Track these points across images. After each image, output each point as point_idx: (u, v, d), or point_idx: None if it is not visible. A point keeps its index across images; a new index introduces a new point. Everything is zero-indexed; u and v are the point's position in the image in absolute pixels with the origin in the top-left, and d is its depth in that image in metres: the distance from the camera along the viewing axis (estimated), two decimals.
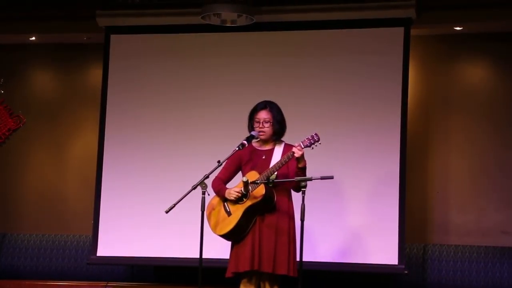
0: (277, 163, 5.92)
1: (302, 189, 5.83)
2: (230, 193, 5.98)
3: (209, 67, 7.89)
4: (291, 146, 5.99)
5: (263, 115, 6.07)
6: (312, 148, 5.91)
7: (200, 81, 7.90)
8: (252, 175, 5.93)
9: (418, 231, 7.81)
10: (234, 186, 6.05)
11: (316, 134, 5.93)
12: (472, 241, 7.71)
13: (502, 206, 7.75)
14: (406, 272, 7.27)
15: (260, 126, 6.05)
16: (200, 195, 5.89)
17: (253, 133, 6.05)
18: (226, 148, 6.16)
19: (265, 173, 5.91)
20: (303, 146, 5.89)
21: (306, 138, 5.92)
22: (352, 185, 7.45)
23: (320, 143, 5.92)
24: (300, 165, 5.91)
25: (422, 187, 7.90)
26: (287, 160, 5.89)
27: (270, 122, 6.06)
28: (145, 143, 7.92)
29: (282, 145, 6.10)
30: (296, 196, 6.04)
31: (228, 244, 6.07)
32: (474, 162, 7.86)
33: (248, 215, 5.91)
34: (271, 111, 6.08)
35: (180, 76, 7.95)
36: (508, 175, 7.76)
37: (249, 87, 7.69)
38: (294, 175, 5.94)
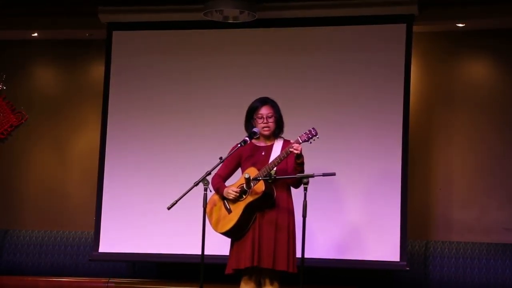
0: (276, 158, 5.91)
1: (304, 185, 5.81)
2: (228, 193, 5.98)
3: (211, 63, 7.90)
4: (290, 141, 5.98)
5: (266, 110, 6.07)
6: (310, 142, 5.89)
7: (201, 77, 7.90)
8: (251, 171, 5.93)
9: (420, 228, 7.80)
10: (232, 184, 6.05)
11: (313, 129, 5.91)
12: (474, 238, 7.70)
13: (504, 203, 7.74)
14: (407, 268, 7.28)
15: (265, 121, 6.05)
16: (202, 192, 5.89)
17: (255, 129, 6.05)
18: (229, 145, 6.17)
19: (264, 169, 5.90)
20: (300, 141, 5.87)
21: (304, 133, 5.90)
22: (353, 182, 7.44)
23: (318, 137, 5.90)
24: (298, 161, 5.89)
25: (424, 184, 7.89)
26: (285, 155, 5.88)
27: (274, 117, 6.07)
28: (147, 140, 7.93)
29: (281, 141, 6.10)
30: (297, 192, 6.04)
31: (230, 240, 6.07)
32: (477, 159, 7.86)
33: (248, 211, 5.91)
34: (272, 106, 6.09)
35: (182, 72, 7.95)
36: (510, 172, 7.75)
37: (251, 83, 7.68)
38: (292, 170, 5.93)
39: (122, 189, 7.91)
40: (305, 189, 5.81)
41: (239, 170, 6.18)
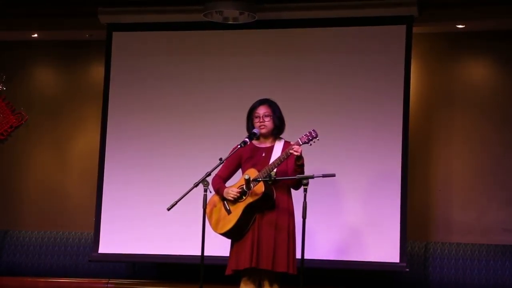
0: (276, 160, 5.91)
1: (304, 186, 5.80)
2: (228, 193, 5.98)
3: (211, 64, 7.90)
4: (290, 143, 5.97)
5: (263, 109, 6.08)
6: (310, 144, 5.89)
7: (201, 78, 7.90)
8: (251, 173, 5.93)
9: (420, 229, 7.80)
10: (232, 185, 6.05)
11: (314, 130, 5.91)
12: (474, 239, 7.70)
13: (504, 204, 7.74)
14: (407, 270, 7.27)
15: (261, 120, 6.06)
16: (202, 193, 5.89)
17: (255, 130, 6.05)
18: (229, 146, 6.17)
19: (264, 170, 5.90)
20: (301, 143, 5.87)
21: (304, 135, 5.91)
22: (353, 182, 7.44)
23: (318, 139, 5.90)
24: (298, 163, 5.89)
25: (424, 185, 7.89)
26: (285, 157, 5.88)
27: (270, 116, 6.07)
28: (147, 140, 7.93)
29: (282, 142, 6.10)
30: (297, 194, 6.04)
31: (230, 241, 6.07)
32: (477, 160, 7.86)
33: (248, 212, 5.91)
34: (270, 106, 6.10)
35: (181, 73, 7.95)
36: (510, 173, 7.76)
37: (251, 84, 7.68)
38: (292, 172, 5.93)
39: (122, 189, 7.91)
40: (305, 190, 5.80)
41: (240, 171, 6.18)
